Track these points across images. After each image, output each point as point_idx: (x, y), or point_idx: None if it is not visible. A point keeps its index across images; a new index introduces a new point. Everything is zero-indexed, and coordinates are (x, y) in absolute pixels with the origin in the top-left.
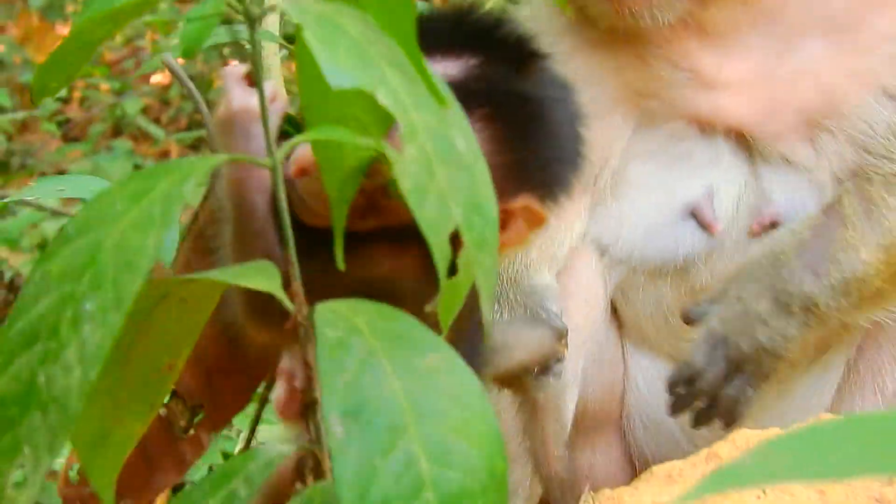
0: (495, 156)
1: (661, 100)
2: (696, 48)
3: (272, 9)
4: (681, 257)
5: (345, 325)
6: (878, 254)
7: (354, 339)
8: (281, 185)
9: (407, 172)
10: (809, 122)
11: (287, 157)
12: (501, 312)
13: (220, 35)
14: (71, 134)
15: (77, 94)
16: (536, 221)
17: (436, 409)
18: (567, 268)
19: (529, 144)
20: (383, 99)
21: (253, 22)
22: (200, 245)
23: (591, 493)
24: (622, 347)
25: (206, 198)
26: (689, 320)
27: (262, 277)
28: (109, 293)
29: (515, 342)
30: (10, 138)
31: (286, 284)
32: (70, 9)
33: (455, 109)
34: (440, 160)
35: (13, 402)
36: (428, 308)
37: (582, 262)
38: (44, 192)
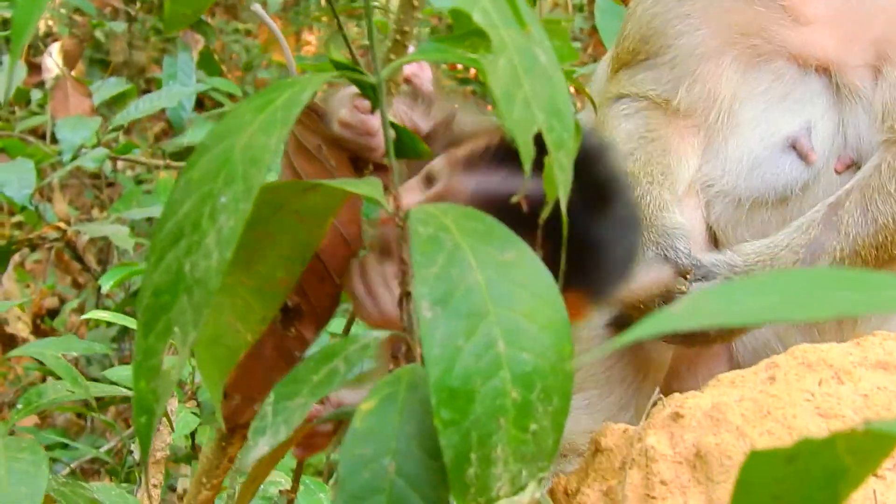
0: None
1: (762, 38)
2: None
3: None
4: (781, 186)
5: (435, 224)
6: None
7: (444, 236)
8: (384, 102)
9: (498, 81)
10: (878, 55)
11: None
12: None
13: None
14: None
15: None
16: (577, 315)
17: (512, 298)
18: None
19: (589, 265)
20: (478, 18)
21: None
22: (303, 149)
23: (661, 394)
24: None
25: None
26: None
27: (366, 185)
28: (240, 186)
29: (641, 275)
30: None
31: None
32: (315, 13)
33: (537, 29)
34: (525, 71)
35: (165, 291)
36: (513, 199)
37: (687, 194)
38: None
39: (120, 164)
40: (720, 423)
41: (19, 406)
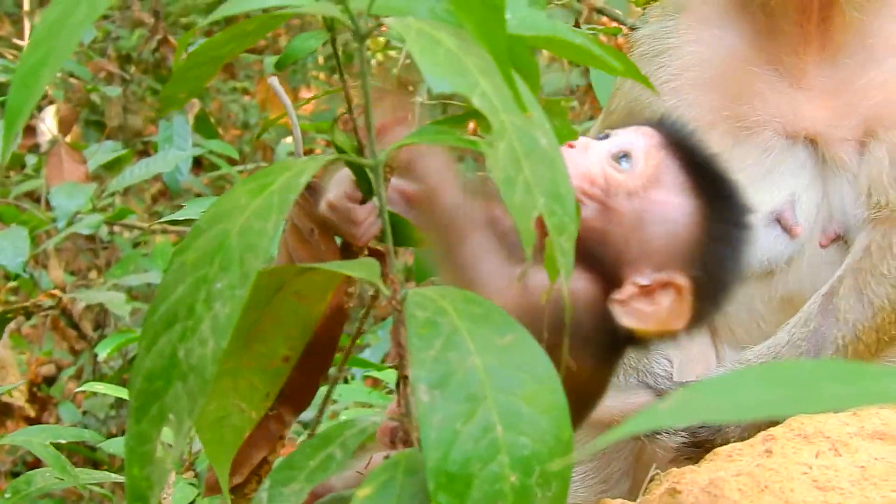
0: (693, 225)
1: (755, 104)
2: (796, 52)
3: (380, 25)
4: (765, 260)
5: (433, 307)
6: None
7: (441, 319)
8: (381, 184)
9: (498, 165)
10: (867, 130)
11: None
12: (617, 377)
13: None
14: None
15: None
16: (678, 313)
17: (511, 382)
18: None
19: (718, 243)
20: (477, 102)
21: (362, 38)
22: (297, 231)
23: (658, 471)
24: (714, 347)
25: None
26: None
27: (364, 269)
28: (236, 272)
29: (621, 402)
30: None
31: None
32: (312, 73)
33: (538, 112)
34: (526, 155)
35: (158, 377)
36: (517, 276)
37: None
38: None
39: (117, 226)
40: (718, 499)
41: (7, 495)
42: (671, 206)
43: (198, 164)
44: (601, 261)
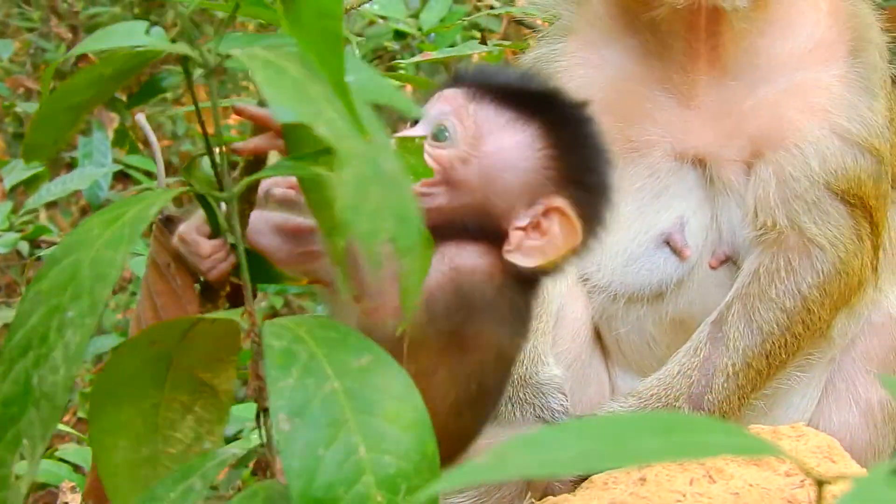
0: (538, 150)
1: (645, 125)
2: (685, 70)
3: (227, 57)
4: (655, 283)
5: (290, 336)
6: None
7: (298, 347)
8: (236, 217)
9: (343, 193)
10: (753, 151)
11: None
12: (514, 412)
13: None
14: None
15: None
16: (569, 232)
17: (371, 403)
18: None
19: (571, 152)
20: (322, 130)
21: (211, 71)
22: (155, 265)
23: (533, 499)
24: (607, 369)
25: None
26: None
27: (226, 315)
28: (87, 301)
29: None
30: None
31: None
32: (243, 83)
33: (381, 136)
34: (372, 180)
35: (14, 403)
36: (344, 297)
37: (567, 290)
38: None
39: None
40: None
41: None
42: (507, 148)
43: (125, 176)
44: (482, 230)
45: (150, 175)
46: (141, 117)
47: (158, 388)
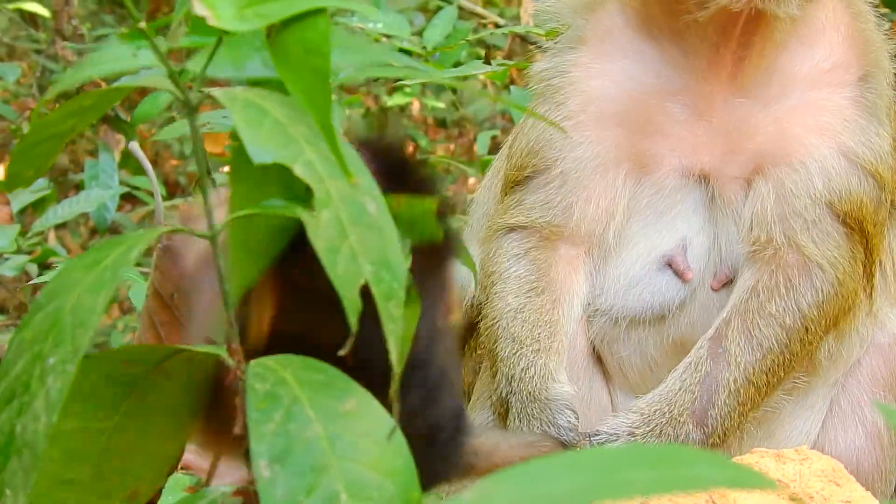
0: None
1: (653, 140)
2: (706, 78)
3: (208, 97)
4: (657, 305)
5: (273, 378)
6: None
7: (281, 390)
8: (218, 254)
9: (321, 235)
10: (755, 167)
11: None
12: (521, 427)
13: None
14: None
15: None
16: None
17: (354, 449)
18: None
19: None
20: (300, 171)
21: (192, 110)
22: (158, 295)
23: None
24: (609, 392)
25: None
26: None
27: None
28: (68, 347)
29: (519, 448)
30: None
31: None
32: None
33: (366, 179)
34: (352, 222)
35: None
36: (341, 352)
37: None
38: None
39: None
40: None
41: None
42: None
43: (132, 198)
44: None
45: (164, 195)
46: (134, 145)
47: (112, 411)
